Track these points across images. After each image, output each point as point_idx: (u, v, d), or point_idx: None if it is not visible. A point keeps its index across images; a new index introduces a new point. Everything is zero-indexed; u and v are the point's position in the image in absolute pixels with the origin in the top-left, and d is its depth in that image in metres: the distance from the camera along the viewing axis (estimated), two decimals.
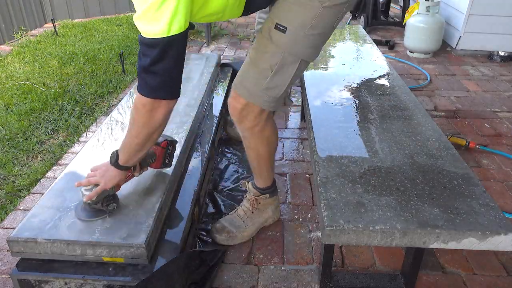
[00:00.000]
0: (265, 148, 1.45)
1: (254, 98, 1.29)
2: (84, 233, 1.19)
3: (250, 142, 1.45)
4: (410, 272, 1.36)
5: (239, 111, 1.34)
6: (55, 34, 4.31)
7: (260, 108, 1.32)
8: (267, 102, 1.30)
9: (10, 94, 2.88)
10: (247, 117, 1.34)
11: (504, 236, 1.01)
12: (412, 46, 3.80)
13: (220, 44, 4.17)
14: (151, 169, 1.44)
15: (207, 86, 2.22)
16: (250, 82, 1.29)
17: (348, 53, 2.30)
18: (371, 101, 1.69)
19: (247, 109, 1.32)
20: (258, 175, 1.58)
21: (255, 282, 1.45)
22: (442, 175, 1.22)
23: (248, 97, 1.30)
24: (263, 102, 1.30)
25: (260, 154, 1.47)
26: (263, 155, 1.48)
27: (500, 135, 2.45)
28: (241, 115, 1.35)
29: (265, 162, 1.51)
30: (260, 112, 1.33)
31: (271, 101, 1.30)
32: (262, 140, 1.42)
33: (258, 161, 1.51)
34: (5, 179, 2.02)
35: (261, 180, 1.60)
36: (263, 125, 1.37)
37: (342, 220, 1.05)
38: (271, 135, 1.44)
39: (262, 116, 1.34)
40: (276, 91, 1.28)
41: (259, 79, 1.27)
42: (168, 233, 1.34)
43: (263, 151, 1.46)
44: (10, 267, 1.49)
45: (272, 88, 1.27)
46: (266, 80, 1.26)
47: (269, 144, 1.46)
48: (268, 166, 1.54)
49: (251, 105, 1.31)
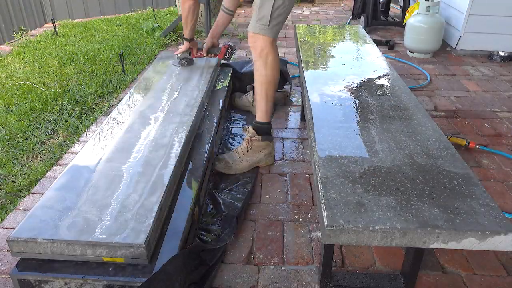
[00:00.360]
0: (267, 71, 1.91)
1: (254, 28, 1.85)
2: (84, 233, 1.19)
3: (257, 64, 1.92)
4: (410, 272, 1.36)
5: (250, 39, 1.90)
6: (55, 34, 4.31)
7: (262, 36, 1.85)
8: (262, 30, 1.84)
9: (10, 94, 2.88)
10: (256, 43, 1.88)
11: (504, 236, 1.01)
12: (412, 46, 3.80)
13: (220, 44, 4.16)
14: (152, 169, 1.47)
15: (207, 86, 2.22)
16: (252, 19, 1.88)
17: (348, 53, 2.29)
18: (371, 101, 1.69)
19: (254, 37, 1.88)
20: (258, 103, 2.00)
21: (255, 282, 1.45)
22: (442, 175, 1.22)
23: (251, 28, 1.87)
24: (260, 30, 1.84)
25: (263, 75, 1.92)
26: (265, 77, 1.92)
27: (500, 135, 2.45)
28: (252, 41, 1.89)
29: (265, 86, 1.94)
30: (263, 39, 1.86)
31: (264, 29, 1.83)
32: (266, 64, 1.90)
33: (261, 84, 1.94)
34: (5, 179, 2.02)
35: (260, 112, 2.01)
36: (268, 51, 1.88)
37: (342, 220, 1.05)
38: (274, 63, 1.91)
39: (266, 42, 1.86)
40: (264, 20, 1.82)
41: (254, 15, 1.86)
42: (168, 233, 1.34)
43: (265, 73, 1.91)
44: (10, 267, 1.49)
45: (260, 18, 1.83)
46: (256, 14, 1.84)
47: (271, 69, 1.91)
48: (267, 94, 1.96)
49: (255, 34, 1.86)
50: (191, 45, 2.39)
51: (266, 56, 1.88)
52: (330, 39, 2.58)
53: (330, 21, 5.08)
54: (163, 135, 1.70)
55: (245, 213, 1.79)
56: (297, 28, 2.75)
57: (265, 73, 1.91)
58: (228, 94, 2.61)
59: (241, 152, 2.04)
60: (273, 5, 1.79)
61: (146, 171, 1.46)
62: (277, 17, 1.83)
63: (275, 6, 1.80)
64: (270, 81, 1.93)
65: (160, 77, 2.33)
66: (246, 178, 1.99)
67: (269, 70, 1.91)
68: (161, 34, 4.20)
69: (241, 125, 2.53)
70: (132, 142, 1.65)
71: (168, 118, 1.85)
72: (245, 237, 1.66)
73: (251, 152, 2.04)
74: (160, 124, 1.79)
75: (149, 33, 4.38)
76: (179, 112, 1.91)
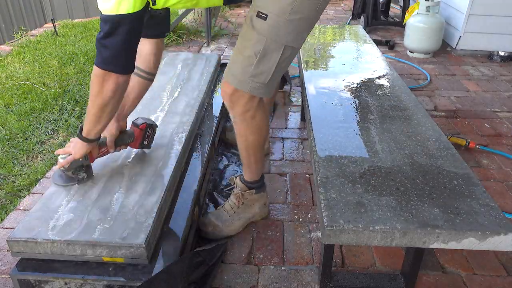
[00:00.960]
0: (254, 137, 1.47)
1: (243, 84, 1.32)
2: (84, 233, 1.19)
3: (240, 128, 1.46)
4: (410, 272, 1.36)
5: (229, 96, 1.37)
6: (55, 34, 4.31)
7: (249, 94, 1.34)
8: (255, 89, 1.33)
9: (10, 94, 2.88)
10: (237, 102, 1.37)
11: (504, 236, 1.01)
12: (412, 46, 3.80)
13: (220, 44, 4.17)
14: (152, 169, 1.46)
15: (207, 86, 2.22)
16: (237, 69, 1.32)
17: (348, 53, 2.30)
18: (371, 101, 1.69)
19: (237, 94, 1.35)
20: (246, 166, 1.60)
21: (255, 282, 1.45)
22: (442, 175, 1.22)
23: (237, 84, 1.33)
24: (252, 88, 1.32)
25: (249, 142, 1.48)
26: (252, 143, 1.49)
27: (500, 135, 2.45)
28: (231, 100, 1.37)
29: (253, 151, 1.52)
30: (250, 98, 1.35)
31: (259, 88, 1.33)
32: (252, 128, 1.43)
33: (247, 150, 1.52)
34: (5, 179, 2.02)
35: (249, 173, 1.63)
36: (253, 112, 1.39)
37: (342, 220, 1.05)
38: (261, 124, 1.45)
39: (252, 102, 1.37)
40: (263, 77, 1.31)
41: (245, 66, 1.30)
42: (168, 233, 1.34)
43: (252, 139, 1.47)
44: (10, 267, 1.49)
45: (258, 74, 1.30)
46: (252, 67, 1.29)
47: (259, 132, 1.46)
48: (256, 157, 1.56)
49: (240, 91, 1.34)
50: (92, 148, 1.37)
51: (252, 117, 1.40)
52: (330, 39, 2.58)
53: (330, 21, 5.08)
54: (163, 135, 1.70)
55: None
56: None
57: (252, 139, 1.47)
58: None
59: (230, 210, 1.66)
60: (281, 56, 1.28)
61: (146, 171, 1.46)
62: (281, 70, 1.34)
63: (284, 56, 1.29)
64: (257, 145, 1.51)
65: (160, 77, 2.33)
66: None
67: (256, 135, 1.46)
68: None
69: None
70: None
71: (168, 118, 1.85)
72: (245, 237, 1.66)
73: (243, 208, 1.67)
74: (160, 124, 1.79)
75: None
76: (179, 112, 1.91)
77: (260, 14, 1.24)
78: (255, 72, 1.29)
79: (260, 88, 1.33)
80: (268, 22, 1.23)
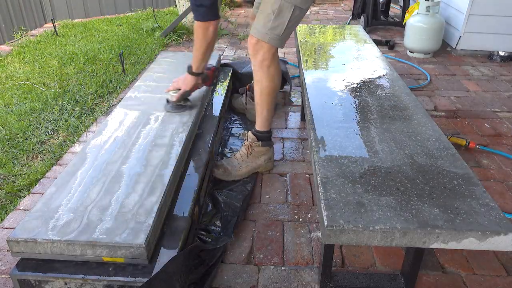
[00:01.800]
0: (268, 83, 1.80)
1: (263, 36, 1.70)
2: (84, 233, 1.19)
3: (257, 75, 1.79)
4: (410, 272, 1.36)
5: (253, 46, 1.74)
6: (55, 34, 4.31)
7: (268, 45, 1.71)
8: (272, 40, 1.70)
9: (10, 94, 2.88)
10: (259, 51, 1.73)
11: (504, 236, 1.01)
12: (412, 46, 3.80)
13: (220, 44, 4.17)
14: (152, 169, 1.46)
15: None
16: (260, 24, 1.71)
17: (348, 53, 2.29)
18: (371, 101, 1.69)
19: (259, 44, 1.72)
20: (259, 113, 1.91)
21: (255, 282, 1.45)
22: (442, 175, 1.22)
23: (259, 35, 1.71)
24: (270, 39, 1.70)
25: (263, 87, 1.81)
26: (266, 89, 1.82)
27: (500, 135, 2.45)
28: (254, 49, 1.74)
29: (266, 98, 1.85)
30: (268, 49, 1.72)
31: (275, 39, 1.70)
32: (268, 75, 1.78)
33: (261, 95, 1.84)
34: (5, 179, 2.02)
35: (260, 121, 1.93)
36: (270, 61, 1.75)
37: (342, 220, 1.05)
38: (275, 73, 1.80)
39: (270, 52, 1.73)
40: (278, 30, 1.69)
41: (266, 21, 1.69)
42: (168, 233, 1.34)
43: (266, 85, 1.80)
44: (10, 267, 1.49)
45: (274, 27, 1.68)
46: (270, 22, 1.67)
47: (272, 80, 1.80)
48: (268, 104, 1.87)
49: (261, 42, 1.71)
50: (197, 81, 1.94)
51: (268, 67, 1.76)
52: (330, 39, 2.58)
53: (330, 21, 5.08)
54: (163, 135, 1.70)
55: (245, 213, 1.79)
56: (297, 28, 2.75)
57: (266, 85, 1.80)
58: (228, 94, 2.61)
59: (240, 158, 1.98)
60: (291, 14, 1.65)
61: (146, 171, 1.46)
62: (291, 27, 1.71)
63: (294, 14, 1.67)
64: (270, 92, 1.84)
65: (160, 76, 2.33)
66: (246, 178, 1.99)
67: (270, 82, 1.80)
68: (161, 34, 4.20)
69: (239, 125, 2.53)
70: (132, 142, 1.65)
71: (168, 118, 1.85)
72: (245, 237, 1.66)
73: (251, 158, 1.98)
74: (160, 124, 1.79)
75: (149, 33, 4.38)
76: None
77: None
78: (273, 25, 1.68)
79: (276, 39, 1.70)
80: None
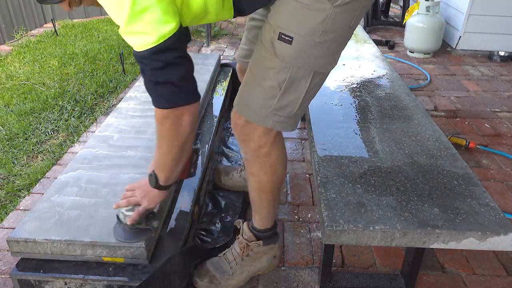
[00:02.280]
0: (268, 178, 1.22)
1: (263, 120, 1.10)
2: (84, 233, 1.19)
3: (252, 167, 1.22)
4: (410, 272, 1.36)
5: (241, 128, 1.15)
6: (55, 34, 4.31)
7: (264, 129, 1.12)
8: (278, 123, 1.10)
9: (10, 94, 2.88)
10: (250, 135, 1.14)
11: (504, 236, 1.01)
12: (412, 46, 3.80)
13: (220, 44, 4.17)
14: None
15: (207, 86, 2.22)
16: (256, 103, 1.10)
17: (348, 53, 2.29)
18: (371, 101, 1.69)
19: (250, 126, 1.13)
20: (256, 211, 1.34)
21: (255, 282, 1.45)
22: (442, 175, 1.22)
23: (257, 120, 1.11)
24: (274, 123, 1.10)
25: (262, 184, 1.24)
26: (265, 186, 1.25)
27: (500, 135, 2.45)
28: (244, 133, 1.15)
29: (266, 195, 1.27)
30: (266, 131, 1.13)
31: (283, 121, 1.10)
32: (266, 167, 1.20)
33: (259, 193, 1.28)
34: (5, 179, 2.02)
35: (259, 219, 1.36)
36: (269, 148, 1.16)
37: (342, 220, 1.05)
38: (277, 163, 1.21)
39: (269, 136, 1.14)
40: (289, 109, 1.08)
41: (266, 99, 1.07)
42: (168, 233, 1.34)
43: (265, 180, 1.23)
44: (10, 267, 1.49)
45: (283, 107, 1.08)
46: (275, 100, 1.07)
47: (274, 174, 1.22)
48: (269, 202, 1.29)
49: (252, 124, 1.12)
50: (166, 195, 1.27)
51: (266, 155, 1.17)
52: None
53: None
54: None
55: (245, 213, 1.79)
56: None
57: (266, 180, 1.23)
58: (228, 94, 2.61)
59: (233, 260, 1.38)
60: (310, 83, 1.06)
61: (146, 171, 1.46)
62: (309, 99, 1.12)
63: (313, 83, 1.07)
64: (271, 187, 1.26)
65: None
66: None
67: (271, 175, 1.22)
68: None
69: None
70: (132, 141, 1.65)
71: None
72: None
73: (248, 261, 1.39)
74: None
75: None
76: None
77: (283, 36, 1.01)
78: (279, 105, 1.07)
79: (284, 121, 1.11)
80: (294, 47, 1.00)
